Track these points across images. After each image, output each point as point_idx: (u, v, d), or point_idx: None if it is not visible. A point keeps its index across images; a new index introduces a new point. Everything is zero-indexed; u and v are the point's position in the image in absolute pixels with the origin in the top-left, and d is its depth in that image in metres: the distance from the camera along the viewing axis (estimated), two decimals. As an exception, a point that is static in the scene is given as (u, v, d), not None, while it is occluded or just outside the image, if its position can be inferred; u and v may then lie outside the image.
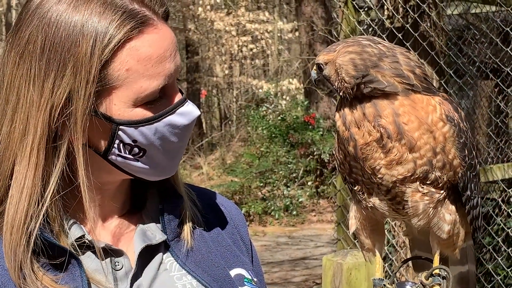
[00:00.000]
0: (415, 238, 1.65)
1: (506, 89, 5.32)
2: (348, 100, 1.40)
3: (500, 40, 4.80)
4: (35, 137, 1.30)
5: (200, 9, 18.13)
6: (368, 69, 1.38)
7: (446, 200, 1.46)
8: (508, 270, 4.87)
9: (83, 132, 1.31)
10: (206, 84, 20.69)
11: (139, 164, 1.36)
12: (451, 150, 1.42)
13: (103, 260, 1.37)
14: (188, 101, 1.39)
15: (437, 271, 1.48)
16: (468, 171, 1.46)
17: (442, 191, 1.44)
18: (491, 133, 5.50)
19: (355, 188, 1.48)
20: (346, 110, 1.40)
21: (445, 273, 1.47)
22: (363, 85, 1.38)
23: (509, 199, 5.48)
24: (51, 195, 1.32)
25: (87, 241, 1.35)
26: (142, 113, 1.33)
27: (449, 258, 1.58)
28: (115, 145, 1.34)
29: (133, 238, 1.43)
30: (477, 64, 5.49)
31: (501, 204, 5.19)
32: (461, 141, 1.42)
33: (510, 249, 4.77)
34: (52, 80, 1.29)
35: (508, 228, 5.00)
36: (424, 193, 1.43)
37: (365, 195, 1.47)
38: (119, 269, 1.38)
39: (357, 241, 4.75)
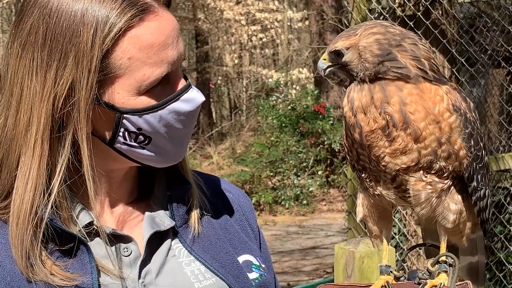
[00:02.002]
0: (427, 227, 1.64)
1: (518, 77, 5.29)
2: (359, 85, 1.40)
3: (512, 27, 4.76)
4: (39, 127, 1.31)
5: (209, -2, 18.09)
6: (391, 48, 1.38)
7: (452, 189, 1.45)
8: (520, 259, 4.85)
9: (87, 121, 1.31)
10: (216, 74, 20.66)
11: (145, 151, 1.37)
12: (457, 141, 1.40)
13: (111, 246, 1.38)
14: (193, 87, 1.39)
15: (443, 258, 1.46)
16: (474, 162, 1.44)
17: (446, 181, 1.43)
18: (502, 121, 5.47)
19: (363, 175, 1.48)
20: (355, 95, 1.40)
21: (452, 260, 1.45)
22: (381, 65, 1.37)
23: (520, 187, 5.45)
24: (58, 184, 1.32)
25: (95, 227, 1.36)
26: (146, 101, 1.34)
27: (459, 248, 1.57)
28: (120, 134, 1.34)
29: (142, 224, 1.44)
30: (488, 52, 5.45)
31: (513, 193, 5.16)
32: (467, 131, 1.41)
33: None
34: (54, 70, 1.30)
35: (520, 217, 4.98)
36: (427, 182, 1.42)
37: (372, 182, 1.46)
38: (128, 255, 1.39)
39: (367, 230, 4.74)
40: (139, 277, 1.38)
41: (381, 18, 4.69)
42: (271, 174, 13.18)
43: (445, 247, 1.49)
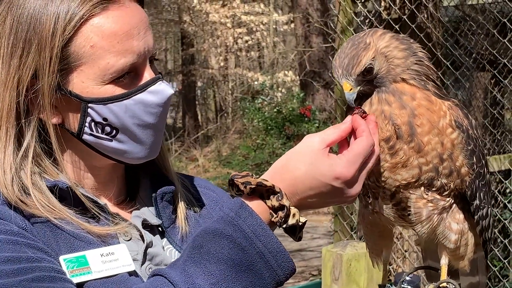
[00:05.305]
0: (427, 247, 1.61)
1: (503, 80, 5.33)
2: (373, 97, 1.37)
3: (497, 31, 4.79)
4: (3, 113, 1.34)
5: (195, 0, 18.06)
6: (411, 43, 1.38)
7: (453, 208, 1.42)
8: (505, 261, 4.88)
9: (51, 109, 1.34)
10: (202, 76, 20.63)
11: (113, 144, 1.37)
12: (459, 157, 1.38)
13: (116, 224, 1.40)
14: (163, 80, 1.40)
15: (444, 284, 1.44)
16: (476, 180, 1.41)
17: (448, 199, 1.40)
18: (487, 124, 5.50)
19: (361, 192, 1.44)
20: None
21: (453, 286, 1.43)
22: (412, 57, 1.37)
23: (505, 190, 5.49)
24: (29, 167, 1.34)
25: (98, 206, 1.38)
26: (111, 90, 1.35)
27: (459, 269, 1.53)
28: (87, 124, 1.36)
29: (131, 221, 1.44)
30: (473, 55, 5.49)
31: (498, 195, 5.19)
32: (469, 148, 1.38)
33: (506, 240, 4.78)
34: (18, 58, 1.33)
35: (505, 220, 5.01)
36: (429, 200, 1.39)
37: (371, 199, 1.44)
38: (128, 240, 1.40)
39: (354, 233, 4.75)
40: (144, 261, 1.40)
41: (367, 21, 4.71)
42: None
43: (446, 272, 1.46)
